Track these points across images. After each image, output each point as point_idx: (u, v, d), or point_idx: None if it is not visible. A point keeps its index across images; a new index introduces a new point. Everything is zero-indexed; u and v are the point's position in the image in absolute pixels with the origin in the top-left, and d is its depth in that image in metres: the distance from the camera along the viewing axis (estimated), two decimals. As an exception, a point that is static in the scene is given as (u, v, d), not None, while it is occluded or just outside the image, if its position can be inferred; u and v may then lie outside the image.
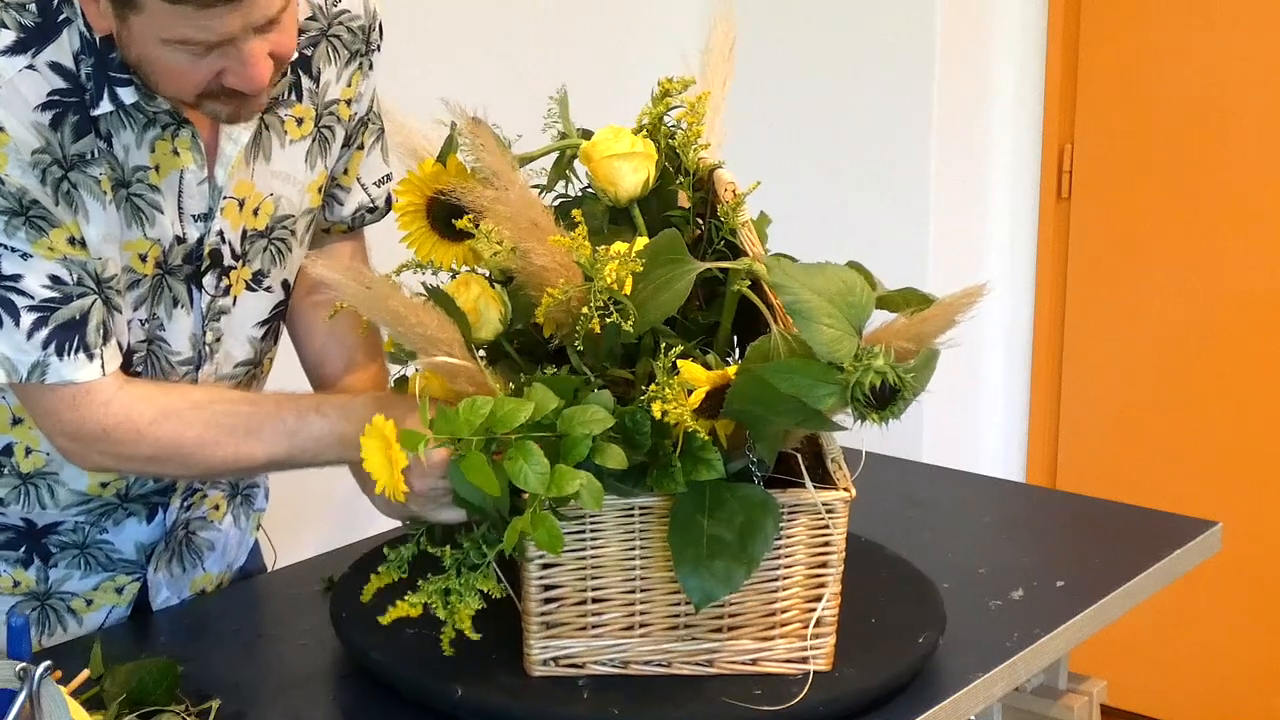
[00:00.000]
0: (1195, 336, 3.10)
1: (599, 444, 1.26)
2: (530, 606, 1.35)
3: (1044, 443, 3.31)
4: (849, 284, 1.26)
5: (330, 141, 1.55)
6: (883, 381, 1.21)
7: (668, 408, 1.24)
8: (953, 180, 3.11)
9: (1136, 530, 1.85)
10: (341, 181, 1.61)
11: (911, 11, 3.01)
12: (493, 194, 1.34)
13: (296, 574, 1.72)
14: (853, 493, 1.34)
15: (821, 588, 1.36)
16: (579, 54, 2.94)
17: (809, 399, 1.21)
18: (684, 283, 1.31)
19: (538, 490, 1.23)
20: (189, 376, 1.49)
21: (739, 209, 1.35)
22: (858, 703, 1.35)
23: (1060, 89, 3.14)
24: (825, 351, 1.22)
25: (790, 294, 1.24)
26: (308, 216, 1.55)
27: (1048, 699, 1.82)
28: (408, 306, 1.32)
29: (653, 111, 1.47)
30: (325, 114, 1.52)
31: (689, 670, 1.37)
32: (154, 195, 1.40)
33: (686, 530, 1.29)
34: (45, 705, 1.10)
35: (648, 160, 1.41)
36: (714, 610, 1.35)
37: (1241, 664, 3.14)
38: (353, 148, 1.60)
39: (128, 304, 1.42)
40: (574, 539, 1.33)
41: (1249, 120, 2.99)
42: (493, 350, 1.42)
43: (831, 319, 1.23)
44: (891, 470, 2.07)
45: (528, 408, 1.25)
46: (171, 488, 1.55)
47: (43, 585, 1.55)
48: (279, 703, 1.41)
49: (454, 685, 1.35)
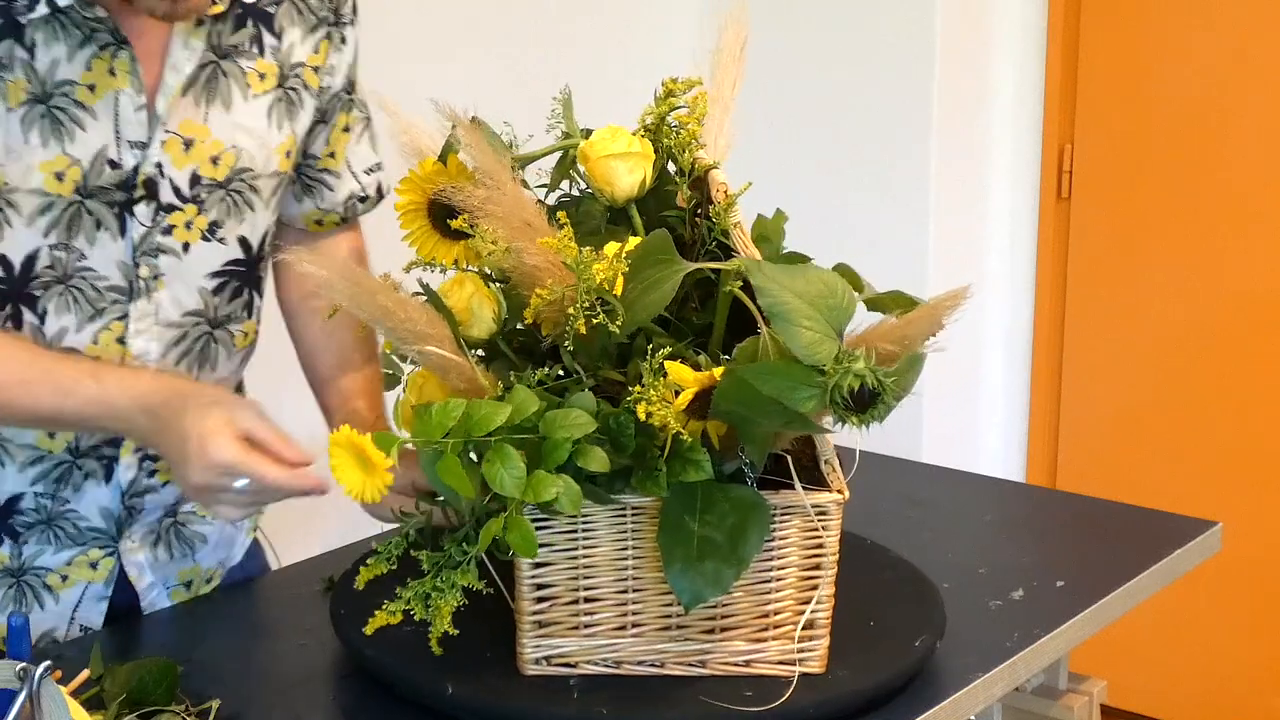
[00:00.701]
0: (1195, 336, 3.10)
1: (582, 446, 1.26)
2: (523, 606, 1.35)
3: (1044, 443, 3.32)
4: (830, 286, 1.25)
5: (297, 106, 1.55)
6: (862, 385, 1.20)
7: (652, 409, 1.24)
8: (953, 180, 3.11)
9: (1136, 530, 1.85)
10: (328, 165, 1.62)
11: (911, 11, 3.02)
12: (484, 194, 1.34)
13: (296, 574, 1.72)
14: (846, 495, 1.33)
15: (814, 589, 1.35)
16: (579, 54, 2.94)
17: (790, 401, 1.21)
18: (671, 284, 1.30)
19: (514, 494, 1.23)
20: (119, 307, 1.47)
21: (730, 210, 1.34)
22: (850, 705, 1.35)
23: (1060, 89, 3.14)
24: (804, 354, 1.21)
25: (770, 296, 1.23)
26: (274, 179, 1.55)
27: (1048, 699, 1.82)
28: (396, 303, 1.32)
29: (655, 111, 1.47)
30: (291, 75, 1.53)
31: (681, 671, 1.37)
32: (79, 112, 1.39)
33: (676, 531, 1.29)
34: (45, 705, 1.10)
35: (644, 160, 1.41)
36: (706, 611, 1.35)
37: (1241, 664, 3.14)
38: (332, 125, 1.61)
39: (36, 229, 1.41)
40: (566, 539, 1.33)
41: (1249, 120, 2.99)
42: (492, 349, 1.42)
43: (811, 321, 1.22)
44: (891, 470, 2.07)
45: (505, 410, 1.24)
46: (119, 442, 1.54)
47: (15, 561, 1.54)
48: (279, 703, 1.41)
49: (445, 683, 1.35)
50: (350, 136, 1.64)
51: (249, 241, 1.55)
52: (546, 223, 1.35)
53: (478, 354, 1.40)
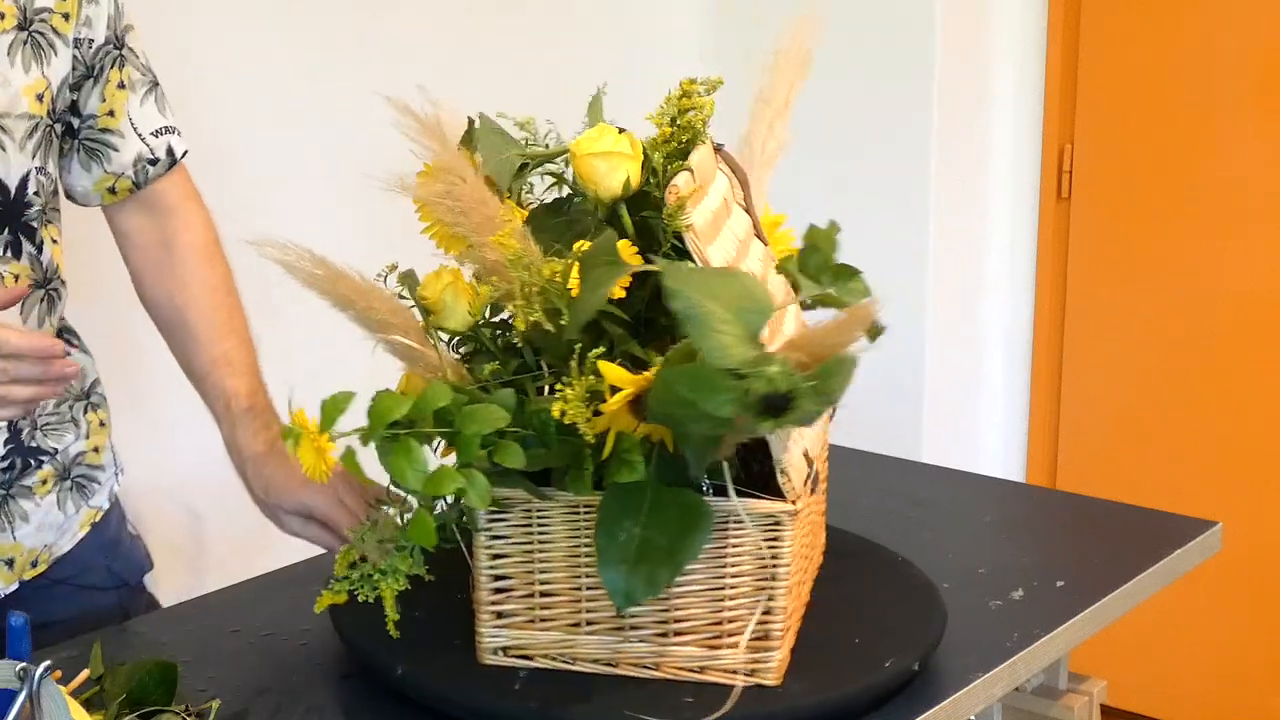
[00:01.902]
0: (1195, 336, 3.10)
1: (501, 442, 1.27)
2: (481, 595, 1.37)
3: (1044, 443, 3.32)
4: (749, 290, 1.24)
5: (47, 51, 1.54)
6: (774, 389, 1.18)
7: (566, 408, 1.25)
8: (953, 180, 3.11)
9: (1136, 530, 1.85)
10: (108, 125, 1.62)
11: (911, 11, 3.02)
12: (442, 188, 1.35)
13: (296, 574, 1.72)
14: (798, 505, 1.31)
15: (770, 601, 1.34)
16: (580, 54, 2.94)
17: (707, 405, 1.19)
18: (610, 285, 1.29)
19: (415, 488, 1.25)
20: None
21: (680, 212, 1.33)
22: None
23: (1060, 89, 3.14)
24: (714, 357, 1.19)
25: (681, 299, 1.21)
26: (27, 122, 1.54)
27: (1048, 699, 1.82)
28: (356, 290, 1.34)
29: (665, 111, 1.46)
30: (36, 20, 1.52)
31: (634, 672, 1.37)
32: None
33: (613, 531, 1.29)
34: (45, 705, 1.10)
35: (625, 160, 1.38)
36: (658, 614, 1.35)
37: (1241, 664, 3.14)
38: (104, 82, 1.60)
39: None
40: (521, 532, 1.35)
41: (1249, 120, 2.99)
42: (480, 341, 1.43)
43: (727, 325, 1.20)
44: (891, 470, 2.07)
45: (406, 403, 1.26)
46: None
47: None
48: (279, 703, 1.41)
49: (397, 664, 1.38)
50: (129, 94, 1.63)
51: (5, 184, 1.53)
52: (507, 220, 1.36)
53: (463, 347, 1.41)
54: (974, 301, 3.24)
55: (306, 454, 1.28)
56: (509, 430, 1.28)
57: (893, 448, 2.19)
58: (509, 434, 1.28)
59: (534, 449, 1.29)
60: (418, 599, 1.37)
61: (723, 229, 1.41)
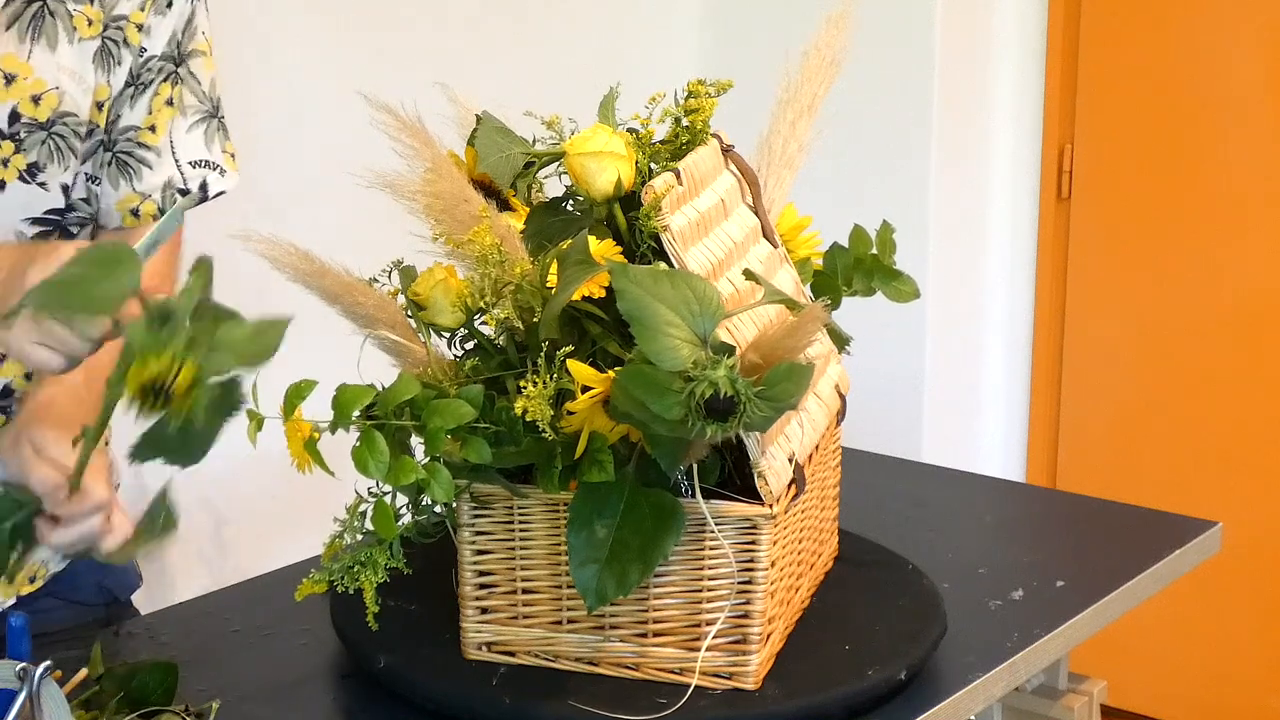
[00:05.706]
0: (1195, 336, 3.10)
1: (468, 437, 1.28)
2: (465, 591, 1.38)
3: (1044, 443, 3.31)
4: (700, 292, 1.23)
5: (114, 59, 1.52)
6: (716, 392, 1.17)
7: (529, 405, 1.25)
8: (953, 180, 3.11)
9: (1136, 530, 1.85)
10: (147, 139, 1.57)
11: (911, 12, 3.01)
12: (420, 183, 1.35)
13: (296, 574, 1.71)
14: (774, 510, 1.31)
15: (747, 604, 1.34)
16: (579, 54, 2.94)
17: (656, 407, 1.19)
18: (579, 284, 1.29)
19: (380, 479, 1.26)
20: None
21: (655, 212, 1.33)
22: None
23: (1060, 89, 3.14)
24: (658, 359, 1.19)
25: (628, 300, 1.21)
26: (87, 126, 1.52)
27: (1048, 699, 1.82)
28: (342, 286, 1.36)
29: (668, 113, 1.46)
30: (112, 25, 1.50)
31: (614, 672, 1.37)
32: None
33: (585, 530, 1.29)
34: (45, 705, 1.10)
35: (616, 160, 1.37)
36: (638, 614, 1.35)
37: (1241, 664, 3.14)
38: (152, 94, 1.55)
39: None
40: (504, 529, 1.35)
41: (1249, 120, 2.99)
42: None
43: (674, 327, 1.20)
44: (891, 470, 2.07)
45: (369, 394, 1.26)
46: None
47: None
48: (279, 703, 1.41)
49: (379, 655, 1.39)
50: (176, 114, 1.57)
51: (65, 186, 1.52)
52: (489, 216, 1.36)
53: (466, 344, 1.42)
54: (974, 301, 3.23)
55: (295, 442, 1.28)
56: (480, 426, 1.29)
57: (893, 448, 2.19)
58: (480, 430, 1.29)
59: (505, 446, 1.29)
60: (415, 591, 1.39)
61: (712, 230, 1.41)
